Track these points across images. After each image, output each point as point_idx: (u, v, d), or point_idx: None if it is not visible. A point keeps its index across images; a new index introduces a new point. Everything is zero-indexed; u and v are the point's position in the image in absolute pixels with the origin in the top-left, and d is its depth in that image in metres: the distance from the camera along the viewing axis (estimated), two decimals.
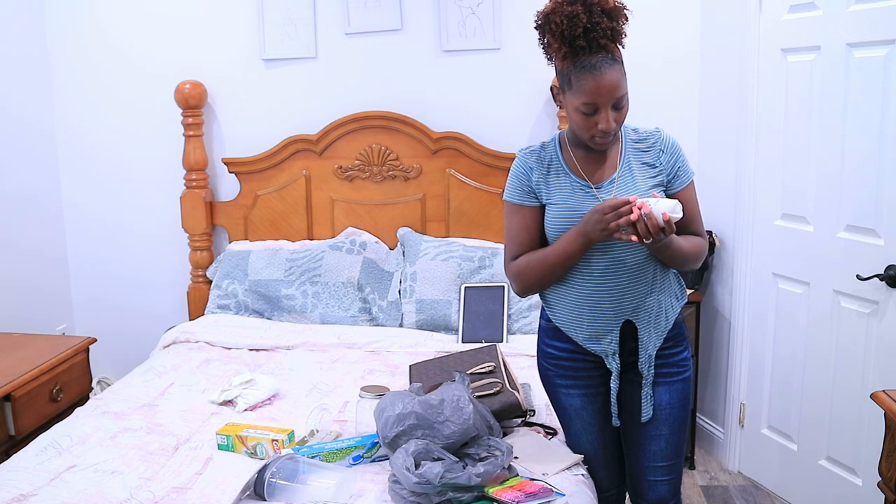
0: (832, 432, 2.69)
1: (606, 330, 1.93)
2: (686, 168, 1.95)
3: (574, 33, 1.74)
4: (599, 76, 1.76)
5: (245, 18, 3.45)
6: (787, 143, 2.81)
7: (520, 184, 1.96)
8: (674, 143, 1.95)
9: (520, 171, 1.96)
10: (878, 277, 2.42)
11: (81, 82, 3.56)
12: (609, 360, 1.95)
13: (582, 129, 1.84)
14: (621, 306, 1.91)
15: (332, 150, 3.44)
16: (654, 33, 3.27)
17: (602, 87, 1.76)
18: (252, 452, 2.06)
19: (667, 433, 2.00)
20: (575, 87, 1.79)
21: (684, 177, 1.94)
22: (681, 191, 1.93)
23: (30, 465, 2.03)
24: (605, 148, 1.89)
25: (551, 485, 1.84)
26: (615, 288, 1.90)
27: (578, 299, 1.93)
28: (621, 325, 1.93)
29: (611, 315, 1.92)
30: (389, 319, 3.19)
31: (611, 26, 1.76)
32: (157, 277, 3.66)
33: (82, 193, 3.64)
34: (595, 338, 1.95)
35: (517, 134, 3.35)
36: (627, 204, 1.74)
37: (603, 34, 1.75)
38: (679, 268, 1.99)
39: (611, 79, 1.76)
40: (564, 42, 1.77)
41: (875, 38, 2.40)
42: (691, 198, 1.95)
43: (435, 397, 1.90)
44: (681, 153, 1.95)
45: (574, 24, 1.74)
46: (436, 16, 3.38)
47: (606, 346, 1.94)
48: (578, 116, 1.82)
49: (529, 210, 1.95)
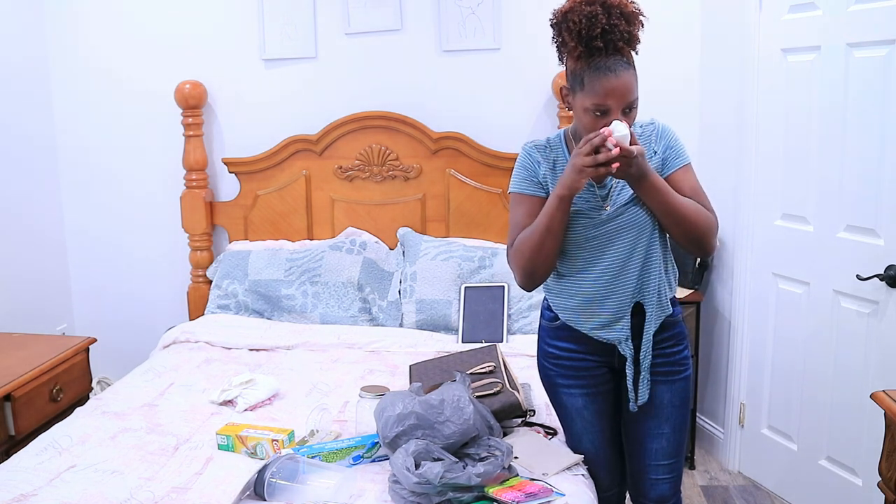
0: (832, 432, 2.69)
1: (619, 315, 1.92)
2: (679, 152, 1.92)
3: (592, 34, 1.74)
4: (615, 78, 1.75)
5: (245, 18, 3.45)
6: (787, 144, 2.81)
7: (528, 175, 1.95)
8: (666, 129, 1.94)
9: (527, 162, 1.96)
10: (878, 277, 2.42)
11: (81, 82, 3.55)
12: (623, 347, 1.94)
13: (589, 131, 1.80)
14: (634, 289, 1.90)
15: (332, 150, 3.44)
16: (655, 33, 3.23)
17: (616, 90, 1.75)
18: (252, 452, 2.06)
19: (668, 432, 2.00)
20: (587, 88, 1.77)
21: (676, 160, 1.91)
22: (673, 172, 1.90)
23: (30, 465, 2.03)
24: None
25: (551, 485, 1.84)
26: (628, 271, 1.89)
27: (593, 289, 1.91)
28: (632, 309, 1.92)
29: (623, 299, 1.90)
30: (389, 319, 3.19)
31: (628, 30, 1.75)
32: (157, 277, 3.67)
33: (82, 193, 3.64)
34: (608, 326, 1.93)
35: (517, 134, 3.35)
36: (598, 136, 1.71)
37: (620, 37, 1.74)
38: (684, 229, 1.87)
39: (625, 82, 1.76)
40: (581, 42, 1.76)
41: (875, 38, 2.40)
42: (689, 180, 1.92)
43: (435, 397, 1.90)
44: (673, 137, 1.93)
45: (592, 24, 1.73)
46: (436, 16, 3.38)
47: (619, 333, 1.93)
48: (588, 118, 1.80)
49: (537, 200, 1.94)
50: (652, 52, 3.23)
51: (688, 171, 1.93)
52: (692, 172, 1.95)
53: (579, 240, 1.91)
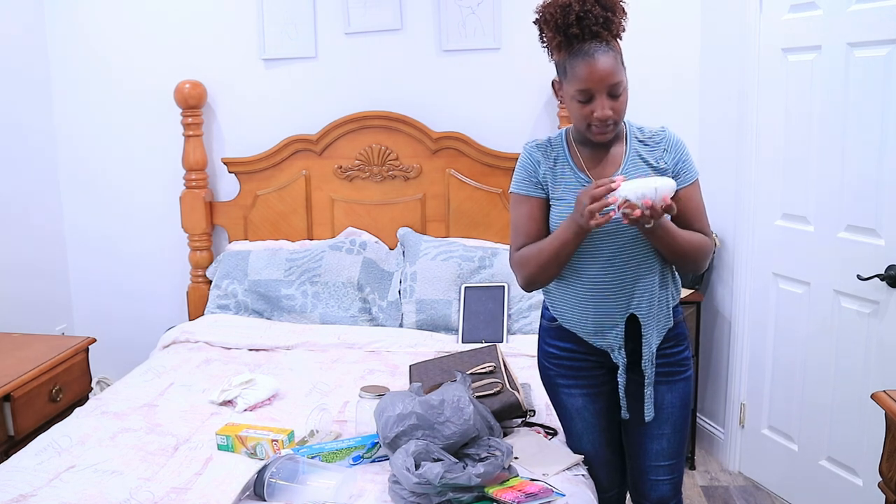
0: (833, 433, 2.69)
1: (611, 324, 1.92)
2: (689, 167, 1.93)
3: (567, 21, 1.77)
4: (592, 61, 1.77)
5: (245, 18, 3.45)
6: (787, 143, 2.81)
7: (528, 175, 1.96)
8: (678, 142, 1.94)
9: (527, 163, 1.97)
10: (878, 277, 2.42)
11: (81, 81, 3.55)
12: (615, 355, 1.95)
13: (579, 120, 1.85)
14: (627, 298, 1.90)
15: (332, 149, 3.43)
16: (655, 33, 3.27)
17: (595, 73, 1.77)
18: (252, 453, 2.06)
19: (669, 432, 2.00)
20: (570, 75, 1.81)
21: (686, 176, 1.92)
22: (684, 189, 1.92)
23: (29, 465, 2.03)
24: (605, 140, 1.87)
25: (551, 485, 1.84)
26: (621, 279, 1.89)
27: (584, 292, 1.92)
28: (626, 319, 1.92)
29: (616, 307, 1.91)
30: (389, 319, 3.19)
31: (603, 15, 1.77)
32: (156, 277, 3.66)
33: (82, 193, 3.64)
34: (600, 332, 1.94)
35: (517, 134, 3.35)
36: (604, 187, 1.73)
37: (595, 21, 1.76)
38: (682, 262, 1.94)
39: (604, 64, 1.77)
40: (559, 31, 1.79)
41: (875, 37, 2.40)
42: (695, 197, 1.94)
43: (435, 397, 1.90)
44: (685, 152, 1.94)
45: (567, 12, 1.77)
46: (436, 15, 3.37)
47: (612, 341, 1.94)
48: (575, 106, 1.83)
49: (536, 201, 1.95)
50: (652, 52, 3.27)
51: (695, 187, 1.95)
52: (699, 189, 1.96)
53: None
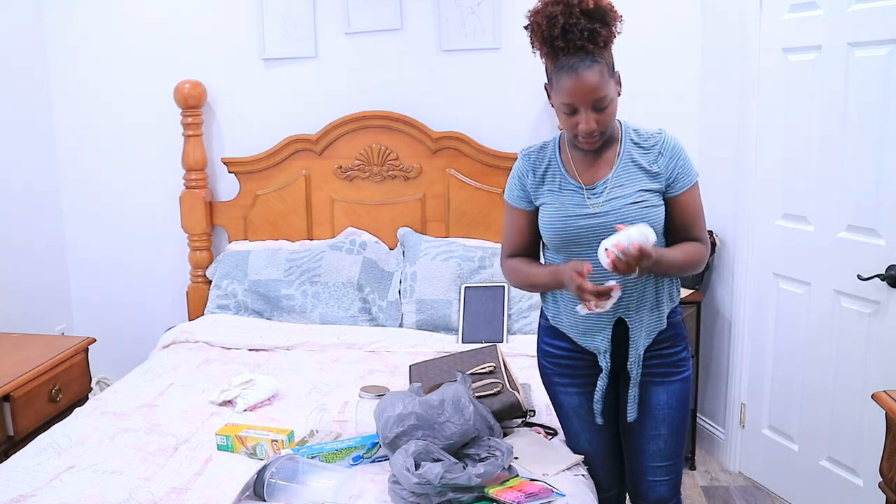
0: (833, 433, 2.69)
1: (599, 327, 1.93)
2: (687, 171, 1.91)
3: (553, 34, 1.76)
4: (576, 77, 1.77)
5: (245, 18, 3.44)
6: (787, 143, 2.80)
7: (516, 184, 1.99)
8: (674, 146, 1.91)
9: (517, 174, 1.99)
10: (878, 277, 2.42)
11: (81, 80, 3.55)
12: (601, 358, 1.95)
13: (567, 129, 1.88)
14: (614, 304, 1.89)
15: (332, 149, 3.43)
16: (655, 33, 3.26)
17: (578, 88, 1.77)
18: (252, 453, 2.05)
19: (665, 433, 2.00)
20: (556, 87, 1.82)
21: (685, 180, 1.90)
22: (681, 194, 1.91)
23: (29, 465, 2.03)
24: (593, 148, 1.88)
25: (551, 485, 1.84)
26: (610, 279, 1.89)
27: (573, 295, 1.91)
28: (614, 322, 1.92)
29: (604, 312, 1.89)
30: (389, 319, 3.19)
31: (590, 27, 1.75)
32: (156, 277, 3.66)
33: (81, 192, 3.64)
34: (589, 334, 1.95)
35: (517, 134, 3.35)
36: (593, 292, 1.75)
37: (580, 35, 1.75)
38: (678, 276, 1.99)
39: (588, 80, 1.76)
40: (545, 42, 1.79)
41: (876, 37, 2.40)
42: (693, 201, 1.93)
43: (435, 398, 1.90)
44: (682, 156, 1.91)
45: (552, 24, 1.76)
46: (436, 15, 3.37)
47: (599, 343, 1.95)
48: (562, 116, 1.86)
49: (522, 213, 1.99)
50: (652, 52, 3.27)
51: (693, 191, 1.93)
52: (697, 192, 1.95)
53: (564, 241, 1.91)
